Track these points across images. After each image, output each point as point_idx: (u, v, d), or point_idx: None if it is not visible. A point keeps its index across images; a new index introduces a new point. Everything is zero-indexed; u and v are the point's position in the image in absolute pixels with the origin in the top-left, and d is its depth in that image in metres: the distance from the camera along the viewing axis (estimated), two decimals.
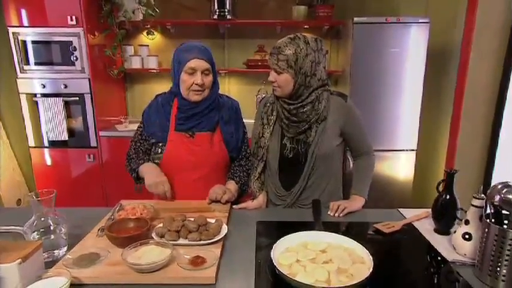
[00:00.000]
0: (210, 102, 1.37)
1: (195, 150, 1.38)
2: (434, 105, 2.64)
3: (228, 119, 1.44)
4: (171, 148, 1.38)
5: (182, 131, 1.38)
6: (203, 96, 1.34)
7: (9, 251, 0.84)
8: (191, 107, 1.36)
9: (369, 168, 1.45)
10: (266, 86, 3.11)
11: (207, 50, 1.35)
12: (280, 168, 1.40)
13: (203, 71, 1.30)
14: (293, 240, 1.04)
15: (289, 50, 1.22)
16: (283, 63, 1.22)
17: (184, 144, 1.38)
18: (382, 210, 1.38)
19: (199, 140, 1.39)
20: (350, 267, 0.91)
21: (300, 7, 2.90)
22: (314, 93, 1.28)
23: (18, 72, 2.66)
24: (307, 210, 1.33)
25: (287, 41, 1.24)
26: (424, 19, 2.50)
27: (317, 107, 1.29)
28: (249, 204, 1.39)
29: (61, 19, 2.56)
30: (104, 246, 1.01)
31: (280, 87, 1.27)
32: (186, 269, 0.90)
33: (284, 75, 1.24)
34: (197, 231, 1.05)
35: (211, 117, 1.39)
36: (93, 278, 0.88)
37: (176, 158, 1.38)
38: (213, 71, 1.36)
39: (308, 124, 1.31)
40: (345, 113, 1.32)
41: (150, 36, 2.98)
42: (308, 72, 1.24)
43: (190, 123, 1.38)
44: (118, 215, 1.15)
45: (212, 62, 1.34)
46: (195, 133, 1.39)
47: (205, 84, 1.31)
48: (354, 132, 1.38)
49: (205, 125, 1.38)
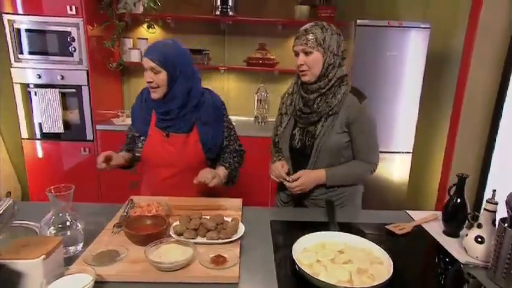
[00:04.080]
0: (181, 103, 1.37)
1: (169, 150, 1.42)
2: (432, 109, 2.70)
3: (207, 119, 1.45)
4: (149, 143, 1.43)
5: (160, 128, 1.42)
6: (159, 93, 1.35)
7: (31, 247, 0.83)
8: (158, 105, 1.39)
9: (357, 169, 1.38)
10: (266, 84, 3.12)
11: (163, 49, 1.34)
12: (292, 158, 1.44)
13: (151, 69, 1.32)
14: (310, 241, 1.05)
15: (316, 30, 1.27)
16: (313, 41, 1.26)
17: (161, 142, 1.42)
18: (390, 212, 1.41)
19: (174, 141, 1.42)
20: (369, 267, 0.93)
21: (303, 7, 2.90)
22: (332, 82, 1.30)
23: (13, 61, 2.57)
24: (319, 210, 1.35)
25: (311, 24, 1.30)
26: (425, 24, 2.55)
27: (330, 101, 1.31)
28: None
29: (60, 8, 2.49)
30: (121, 243, 1.00)
31: (310, 68, 1.29)
32: (209, 267, 0.90)
33: (314, 55, 1.27)
34: (215, 230, 1.05)
35: (187, 119, 1.41)
36: (115, 276, 0.87)
37: (152, 154, 1.44)
38: (171, 71, 1.33)
39: (318, 116, 1.33)
40: (354, 114, 1.32)
41: (150, 30, 2.94)
42: (335, 51, 1.28)
43: (166, 122, 1.41)
44: (133, 211, 1.14)
45: (166, 61, 1.32)
46: (170, 133, 1.42)
47: (154, 82, 1.33)
48: (358, 137, 1.35)
49: (181, 127, 1.41)
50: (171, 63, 1.33)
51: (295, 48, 1.31)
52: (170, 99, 1.37)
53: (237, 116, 3.22)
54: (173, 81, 1.35)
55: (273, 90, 3.17)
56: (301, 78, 1.34)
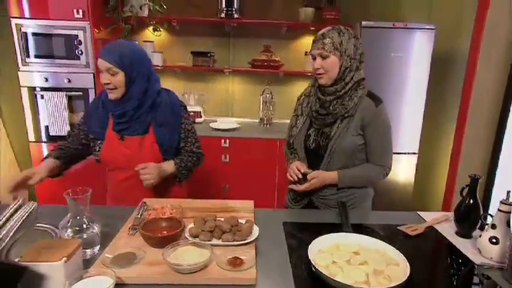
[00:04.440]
0: (137, 104, 1.37)
1: (125, 152, 1.42)
2: (437, 110, 2.71)
3: (163, 120, 1.44)
4: (106, 146, 1.43)
5: (115, 131, 1.42)
6: (116, 94, 1.34)
7: (51, 250, 0.83)
8: (114, 105, 1.38)
9: (369, 171, 1.40)
10: (271, 86, 3.13)
11: (119, 50, 1.32)
12: (306, 158, 1.45)
13: (107, 70, 1.31)
14: (325, 242, 1.06)
15: (333, 34, 1.29)
16: (329, 45, 1.28)
17: (117, 145, 1.42)
18: (401, 213, 1.42)
19: (129, 144, 1.42)
20: (385, 269, 0.94)
21: (308, 9, 2.92)
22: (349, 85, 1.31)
23: (20, 65, 2.58)
24: (331, 212, 1.36)
25: (329, 29, 1.31)
26: (430, 25, 2.56)
27: (346, 103, 1.32)
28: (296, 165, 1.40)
29: (67, 12, 2.50)
30: (137, 246, 1.00)
31: (326, 72, 1.31)
32: (226, 269, 0.91)
33: (331, 58, 1.29)
34: (230, 232, 1.06)
35: (142, 121, 1.40)
36: (134, 278, 0.88)
37: (109, 157, 1.44)
38: (128, 72, 1.32)
39: (333, 118, 1.35)
40: (370, 117, 1.34)
41: (156, 33, 2.95)
42: (352, 54, 1.29)
43: (121, 125, 1.40)
44: (148, 214, 1.15)
45: (122, 62, 1.31)
46: (125, 136, 1.41)
47: (112, 82, 1.32)
48: (372, 140, 1.37)
49: (136, 129, 1.41)
50: (128, 64, 1.32)
51: (312, 52, 1.32)
52: (127, 100, 1.36)
53: (241, 118, 3.24)
54: (131, 82, 1.34)
55: (278, 92, 3.18)
56: (317, 81, 1.35)
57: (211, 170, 2.82)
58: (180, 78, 3.22)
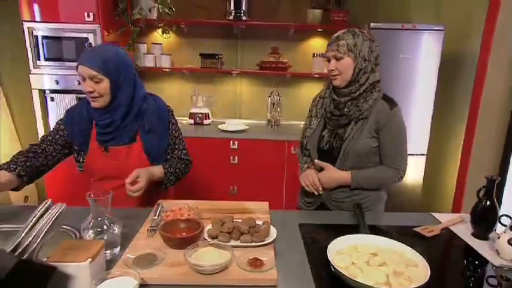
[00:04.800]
0: (125, 112, 1.30)
1: (110, 164, 1.35)
2: (446, 111, 2.70)
3: (150, 127, 1.37)
4: (89, 157, 1.35)
5: (99, 141, 1.34)
6: (101, 103, 1.26)
7: (76, 250, 0.84)
8: (100, 114, 1.30)
9: (382, 173, 1.39)
10: (278, 88, 3.14)
11: (102, 55, 1.24)
12: (319, 159, 1.46)
13: (91, 78, 1.22)
14: (342, 243, 1.06)
15: (347, 36, 1.30)
16: (344, 47, 1.29)
17: (101, 156, 1.35)
18: (415, 214, 1.42)
19: (114, 154, 1.35)
20: (405, 270, 0.94)
21: (316, 11, 2.93)
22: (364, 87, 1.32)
23: (32, 68, 2.61)
24: (346, 213, 1.37)
25: (343, 31, 1.33)
26: (439, 26, 2.56)
27: (361, 105, 1.33)
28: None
29: (78, 15, 2.53)
30: (157, 247, 1.01)
31: (340, 73, 1.32)
32: (248, 270, 0.92)
33: (345, 60, 1.30)
34: (248, 233, 1.06)
35: (127, 130, 1.33)
36: (156, 279, 0.89)
37: (94, 168, 1.37)
38: (114, 78, 1.25)
39: (348, 119, 1.36)
40: (384, 120, 1.34)
41: (165, 35, 2.97)
42: (366, 56, 1.30)
43: (106, 136, 1.33)
44: (166, 215, 1.16)
45: (107, 68, 1.23)
46: (109, 147, 1.34)
47: (96, 91, 1.23)
48: (386, 142, 1.37)
49: (122, 138, 1.34)
50: (114, 69, 1.24)
51: (327, 54, 1.34)
52: (114, 108, 1.28)
53: (249, 120, 3.25)
54: (117, 89, 1.26)
55: (285, 93, 3.19)
56: (332, 82, 1.36)
57: (219, 172, 2.83)
58: (188, 80, 3.23)
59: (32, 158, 1.30)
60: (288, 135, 2.84)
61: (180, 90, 3.26)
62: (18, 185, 1.27)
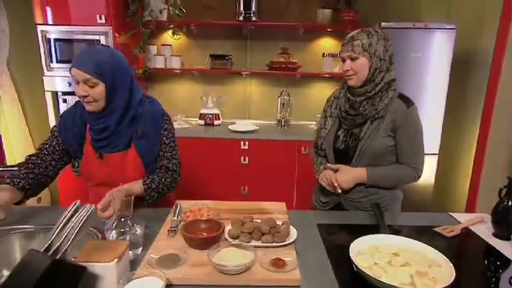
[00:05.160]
0: (120, 116, 1.25)
1: (105, 170, 1.30)
2: (459, 110, 2.68)
3: (144, 131, 1.30)
4: (84, 163, 1.32)
5: (94, 147, 1.29)
6: (95, 107, 1.20)
7: (101, 251, 0.85)
8: (95, 119, 1.24)
9: (399, 171, 1.39)
10: (288, 88, 3.13)
11: (97, 58, 1.17)
12: (335, 159, 1.46)
13: (85, 82, 1.16)
14: (363, 243, 1.06)
15: (362, 36, 1.30)
16: (359, 47, 1.29)
17: (95, 162, 1.31)
18: (432, 214, 1.41)
19: (108, 161, 1.30)
20: (429, 270, 0.93)
21: (325, 10, 2.92)
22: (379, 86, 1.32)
23: (45, 70, 2.65)
24: (363, 213, 1.37)
25: (358, 31, 1.33)
26: (451, 25, 2.54)
27: (377, 104, 1.33)
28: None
29: (90, 18, 2.55)
30: (179, 247, 1.02)
31: (356, 73, 1.32)
32: (271, 270, 0.92)
33: (360, 60, 1.30)
34: (269, 233, 1.07)
35: (122, 135, 1.28)
36: (180, 279, 0.89)
37: (88, 174, 1.33)
38: (109, 82, 1.19)
39: (363, 119, 1.36)
40: (401, 118, 1.34)
41: (175, 37, 2.98)
42: (381, 55, 1.31)
43: (100, 142, 1.28)
44: (186, 216, 1.16)
45: (102, 72, 1.17)
46: (104, 154, 1.29)
47: (91, 95, 1.17)
48: (403, 141, 1.37)
49: (117, 144, 1.28)
50: (109, 73, 1.18)
51: (342, 54, 1.34)
52: (110, 113, 1.23)
53: (258, 120, 3.25)
54: (113, 92, 1.21)
55: (295, 93, 3.19)
56: (347, 82, 1.36)
57: (230, 172, 2.84)
58: (198, 81, 3.25)
59: (34, 169, 1.25)
60: (298, 136, 2.84)
61: (190, 91, 3.27)
62: (22, 199, 1.22)
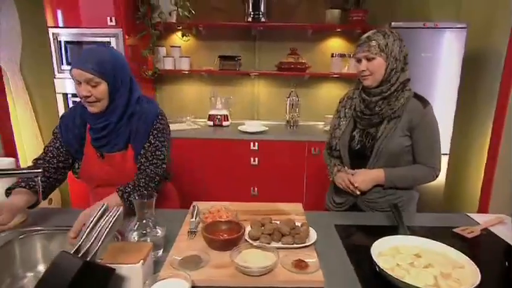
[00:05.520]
0: (121, 114, 1.24)
1: (106, 169, 1.30)
2: (470, 110, 2.66)
3: (136, 130, 1.29)
4: (85, 163, 1.31)
5: (94, 147, 1.29)
6: (99, 108, 1.20)
7: (125, 252, 0.86)
8: (96, 118, 1.23)
9: (416, 171, 1.39)
10: (297, 89, 3.13)
11: (99, 57, 1.17)
12: (350, 159, 1.46)
13: (87, 82, 1.15)
14: (383, 244, 1.05)
15: (378, 36, 1.30)
16: (375, 48, 1.29)
17: (97, 162, 1.30)
18: (449, 215, 1.41)
19: (110, 161, 1.29)
20: (452, 271, 0.93)
21: (334, 11, 2.92)
22: (395, 86, 1.32)
23: (56, 72, 2.67)
24: (380, 214, 1.36)
25: (373, 31, 1.33)
26: (461, 24, 2.53)
27: (393, 104, 1.32)
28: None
29: (101, 20, 2.57)
30: (200, 248, 1.02)
31: (372, 74, 1.32)
32: (294, 272, 0.92)
33: (376, 60, 1.30)
34: (289, 235, 1.06)
35: (121, 133, 1.27)
36: (204, 280, 0.90)
37: (90, 175, 1.32)
38: (111, 81, 1.19)
39: (380, 118, 1.35)
40: (418, 118, 1.33)
41: (184, 38, 2.99)
42: (397, 56, 1.30)
43: (100, 141, 1.27)
44: (205, 217, 1.17)
45: (105, 71, 1.17)
46: (104, 153, 1.29)
47: (94, 95, 1.17)
48: (420, 141, 1.37)
49: (117, 143, 1.28)
50: (111, 71, 1.18)
51: (358, 55, 1.33)
52: (111, 112, 1.23)
53: (267, 121, 3.25)
54: (115, 91, 1.21)
55: (303, 94, 3.19)
56: (362, 82, 1.36)
57: (240, 173, 2.84)
58: (207, 82, 3.26)
59: (44, 172, 1.26)
60: (307, 136, 2.84)
61: (199, 93, 3.28)
62: (36, 202, 1.22)
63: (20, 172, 0.99)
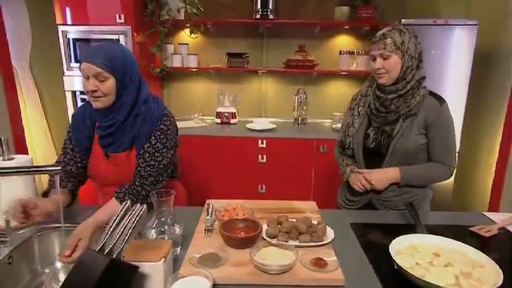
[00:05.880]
0: (128, 111, 1.22)
1: (112, 169, 1.29)
2: (480, 108, 2.64)
3: (142, 130, 1.26)
4: (92, 162, 1.31)
5: (101, 146, 1.28)
6: (104, 103, 1.18)
7: (147, 250, 0.86)
8: (103, 115, 1.22)
9: (432, 170, 1.38)
10: (305, 86, 3.12)
11: (108, 52, 1.16)
12: (364, 157, 1.45)
13: (95, 76, 1.14)
14: (401, 243, 1.05)
15: (394, 34, 1.29)
16: (391, 45, 1.27)
17: (103, 161, 1.30)
18: (464, 213, 1.40)
19: (115, 160, 1.28)
20: (473, 271, 0.92)
21: (343, 8, 2.90)
22: (410, 84, 1.31)
23: (65, 70, 2.67)
24: (393, 213, 1.36)
25: (389, 29, 1.31)
26: (473, 21, 2.51)
27: (409, 101, 1.31)
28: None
29: (109, 17, 2.57)
30: (217, 246, 1.03)
31: (387, 72, 1.31)
32: (314, 270, 0.92)
33: (392, 58, 1.29)
34: (307, 233, 1.06)
35: (127, 133, 1.25)
36: (223, 278, 0.90)
37: (97, 173, 1.32)
38: (120, 77, 1.18)
39: (396, 116, 1.35)
40: (435, 116, 1.32)
41: (193, 35, 2.99)
42: (413, 54, 1.29)
43: (106, 139, 1.26)
44: (221, 215, 1.17)
45: (114, 66, 1.16)
46: (110, 154, 1.28)
47: (100, 90, 1.15)
48: (436, 139, 1.36)
49: (122, 143, 1.26)
50: (120, 68, 1.17)
51: (373, 52, 1.32)
52: (118, 109, 1.21)
53: (274, 118, 3.24)
54: (122, 88, 1.19)
55: (311, 91, 3.17)
56: (377, 80, 1.35)
57: (248, 171, 2.84)
58: (215, 79, 3.25)
59: (70, 172, 1.28)
60: (315, 134, 2.83)
61: (206, 90, 3.28)
62: (70, 202, 1.26)
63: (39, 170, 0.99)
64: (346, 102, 3.49)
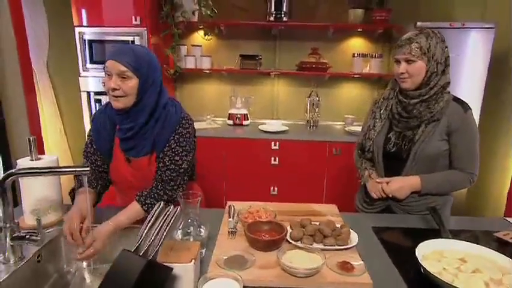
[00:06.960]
0: (148, 117, 1.21)
1: (134, 173, 1.29)
2: (495, 111, 2.62)
3: (160, 135, 1.25)
4: (114, 166, 1.31)
5: (122, 150, 1.27)
6: (123, 104, 1.16)
7: (177, 251, 0.86)
8: (123, 118, 1.21)
9: (453, 177, 1.36)
10: (317, 88, 3.12)
11: (134, 53, 1.15)
12: (384, 162, 1.44)
13: (119, 74, 1.13)
14: (426, 248, 1.04)
15: (420, 38, 1.26)
16: (417, 50, 1.25)
17: (124, 165, 1.29)
18: (486, 219, 1.39)
19: (137, 165, 1.28)
20: (502, 278, 0.91)
21: (357, 10, 2.89)
22: (434, 89, 1.29)
23: (81, 71, 2.70)
24: (415, 217, 1.35)
25: (416, 32, 1.29)
26: (490, 24, 2.49)
27: (432, 107, 1.30)
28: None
29: (126, 19, 2.59)
30: (242, 248, 1.03)
31: (411, 77, 1.29)
32: (341, 274, 0.92)
33: (417, 63, 1.27)
34: (331, 236, 1.06)
35: (147, 137, 1.24)
36: (251, 281, 0.90)
37: (118, 177, 1.32)
38: (143, 78, 1.17)
39: (418, 122, 1.33)
40: (459, 122, 1.31)
41: (206, 37, 3.00)
42: (439, 59, 1.27)
43: (127, 143, 1.25)
44: (244, 217, 1.17)
45: (139, 67, 1.15)
46: (131, 158, 1.27)
47: (122, 89, 1.14)
48: (459, 145, 1.34)
49: (143, 147, 1.25)
50: (145, 70, 1.16)
51: (398, 56, 1.31)
52: (138, 111, 1.20)
53: (286, 120, 3.24)
54: (143, 90, 1.18)
55: (324, 94, 3.17)
56: (400, 84, 1.34)
57: (260, 173, 2.84)
58: (227, 81, 3.26)
59: (97, 173, 1.30)
60: (328, 136, 2.82)
61: (219, 91, 3.29)
62: (96, 202, 1.29)
63: (69, 170, 1.00)
64: (358, 105, 3.48)
